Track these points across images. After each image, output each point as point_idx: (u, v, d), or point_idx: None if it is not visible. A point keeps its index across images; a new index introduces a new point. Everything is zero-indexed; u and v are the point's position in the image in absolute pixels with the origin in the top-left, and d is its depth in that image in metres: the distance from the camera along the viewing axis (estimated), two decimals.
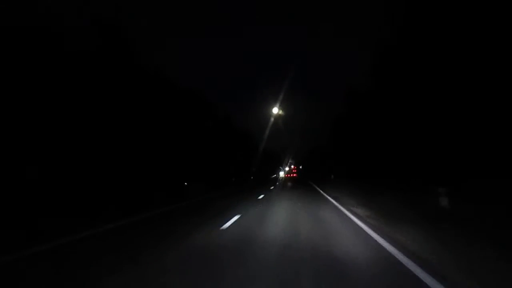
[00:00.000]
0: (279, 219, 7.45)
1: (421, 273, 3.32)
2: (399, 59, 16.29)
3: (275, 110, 46.88)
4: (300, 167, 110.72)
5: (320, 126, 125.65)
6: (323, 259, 4.00)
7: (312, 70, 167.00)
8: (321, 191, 17.19)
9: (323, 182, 28.55)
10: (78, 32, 13.79)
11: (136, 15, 38.38)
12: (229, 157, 39.41)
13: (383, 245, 4.58)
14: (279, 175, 78.82)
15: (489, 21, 10.77)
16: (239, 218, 7.59)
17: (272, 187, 22.63)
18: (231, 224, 6.73)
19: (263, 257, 4.14)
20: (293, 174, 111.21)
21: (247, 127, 61.05)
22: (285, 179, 50.25)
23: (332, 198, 12.81)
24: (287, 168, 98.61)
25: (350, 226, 6.34)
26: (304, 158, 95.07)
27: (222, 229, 6.19)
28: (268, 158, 74.02)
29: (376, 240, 4.93)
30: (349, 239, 5.10)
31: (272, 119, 52.21)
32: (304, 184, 26.70)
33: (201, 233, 5.92)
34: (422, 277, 3.23)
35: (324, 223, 6.77)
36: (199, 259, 4.16)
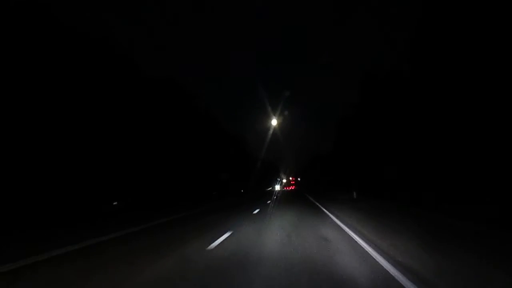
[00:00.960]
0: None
1: None
2: None
3: (274, 122, 42.49)
4: (299, 178, 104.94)
5: (320, 133, 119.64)
6: None
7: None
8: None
9: (331, 201, 21.10)
10: None
11: None
12: (210, 164, 32.11)
13: None
14: (274, 188, 67.37)
15: None
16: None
17: (255, 211, 13.23)
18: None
19: None
20: (291, 187, 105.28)
21: (241, 133, 54.01)
22: (282, 193, 43.15)
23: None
24: (284, 180, 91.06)
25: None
26: (303, 169, 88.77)
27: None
28: (265, 169, 65.91)
29: None
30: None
31: (271, 131, 46.73)
32: (304, 203, 19.77)
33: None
34: None
35: None
36: None
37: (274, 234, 6.93)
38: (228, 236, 6.72)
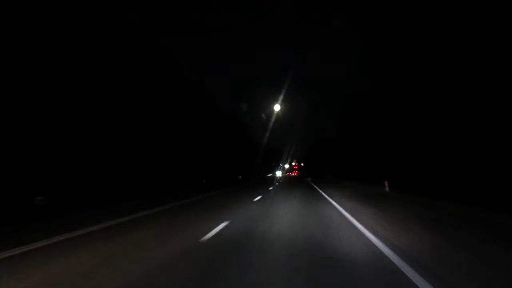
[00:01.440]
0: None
1: None
2: None
3: (277, 107, 39.26)
4: (302, 164, 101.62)
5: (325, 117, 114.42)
6: None
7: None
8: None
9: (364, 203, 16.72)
10: None
11: None
12: (203, 147, 27.88)
13: None
14: (275, 174, 61.35)
15: None
16: None
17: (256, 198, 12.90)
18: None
19: None
20: (294, 172, 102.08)
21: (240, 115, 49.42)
22: (284, 180, 39.07)
23: None
24: (287, 166, 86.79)
25: None
26: (306, 154, 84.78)
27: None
28: (268, 154, 61.33)
29: None
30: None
31: (273, 116, 42.88)
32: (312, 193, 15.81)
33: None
34: None
35: None
36: None
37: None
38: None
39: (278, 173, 62.07)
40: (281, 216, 8.13)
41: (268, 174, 71.13)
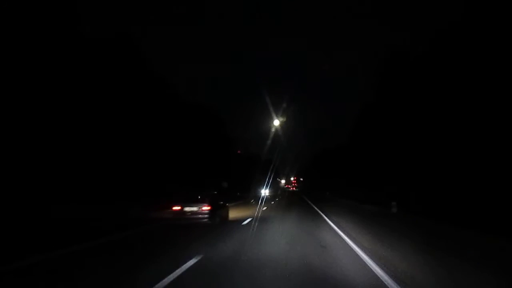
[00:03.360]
0: None
1: None
2: None
3: (276, 122, 34.40)
4: (301, 179, 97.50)
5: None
6: None
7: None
8: None
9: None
10: None
11: None
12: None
13: None
14: (259, 194, 35.36)
15: None
16: None
17: None
18: None
19: None
20: (292, 188, 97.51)
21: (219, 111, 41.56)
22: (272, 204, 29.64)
23: None
24: (283, 181, 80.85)
25: None
26: (306, 168, 79.48)
27: None
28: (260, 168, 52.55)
29: None
30: None
31: (272, 130, 37.65)
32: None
33: None
34: None
35: None
36: None
37: None
38: None
39: (264, 192, 37.08)
40: None
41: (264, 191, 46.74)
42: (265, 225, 10.46)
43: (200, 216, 9.66)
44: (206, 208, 9.75)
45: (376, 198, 20.38)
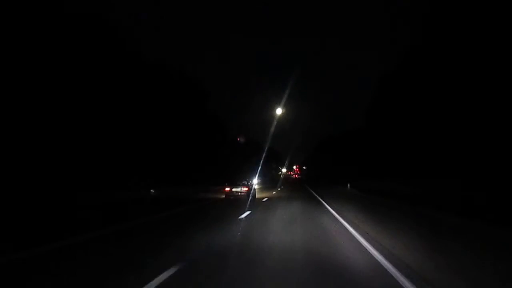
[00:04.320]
0: None
1: None
2: None
3: (279, 111, 31.59)
4: (304, 167, 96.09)
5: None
6: None
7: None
8: None
9: None
10: None
11: None
12: None
13: None
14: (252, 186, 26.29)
15: None
16: None
17: None
18: None
19: None
20: (295, 175, 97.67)
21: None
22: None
23: None
24: (284, 170, 78.51)
25: None
26: (309, 156, 76.86)
27: None
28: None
29: None
30: None
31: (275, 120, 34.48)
32: None
33: None
34: None
35: None
36: None
37: None
38: None
39: (255, 182, 25.56)
40: None
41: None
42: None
43: (240, 194, 14.31)
44: (245, 189, 14.48)
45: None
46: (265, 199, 14.90)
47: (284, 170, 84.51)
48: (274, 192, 20.97)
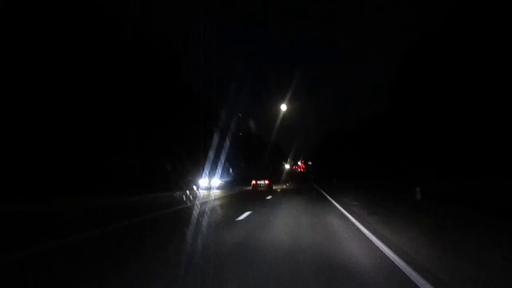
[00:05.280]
0: None
1: None
2: None
3: (284, 107, 35.61)
4: (310, 163, 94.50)
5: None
6: None
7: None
8: None
9: None
10: None
11: None
12: None
13: None
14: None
15: None
16: None
17: None
18: None
19: None
20: (300, 169, 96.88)
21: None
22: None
23: None
24: (287, 166, 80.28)
25: None
26: (316, 151, 77.11)
27: None
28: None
29: None
30: None
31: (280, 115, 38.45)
32: None
33: None
34: None
35: None
36: None
37: None
38: None
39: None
40: None
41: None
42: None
43: (263, 186, 20.19)
44: (266, 182, 20.48)
45: None
46: (278, 190, 21.03)
47: (287, 166, 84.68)
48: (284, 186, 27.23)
